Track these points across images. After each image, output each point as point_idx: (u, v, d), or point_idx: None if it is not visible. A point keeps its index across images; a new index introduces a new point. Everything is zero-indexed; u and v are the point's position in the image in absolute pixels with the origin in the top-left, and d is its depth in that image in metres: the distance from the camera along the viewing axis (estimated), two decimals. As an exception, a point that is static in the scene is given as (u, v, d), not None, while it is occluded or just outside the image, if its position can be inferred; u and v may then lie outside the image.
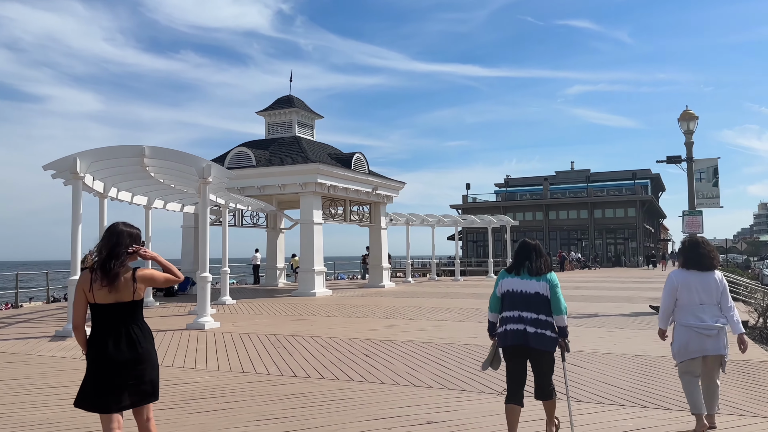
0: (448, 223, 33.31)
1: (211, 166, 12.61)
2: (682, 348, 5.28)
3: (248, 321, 13.59)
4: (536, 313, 4.60)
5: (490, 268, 34.30)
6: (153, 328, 12.06)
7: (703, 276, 5.27)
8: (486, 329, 5.17)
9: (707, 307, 5.22)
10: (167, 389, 6.79)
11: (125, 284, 3.69)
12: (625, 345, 9.59)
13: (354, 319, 13.62)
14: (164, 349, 9.56)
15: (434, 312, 14.94)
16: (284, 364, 8.18)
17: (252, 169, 22.32)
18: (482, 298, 18.94)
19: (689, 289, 5.25)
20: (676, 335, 5.33)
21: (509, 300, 4.72)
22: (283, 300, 19.19)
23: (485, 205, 64.86)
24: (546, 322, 4.60)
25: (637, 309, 15.46)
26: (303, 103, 25.79)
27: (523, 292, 4.66)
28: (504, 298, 4.77)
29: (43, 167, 11.82)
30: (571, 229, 62.29)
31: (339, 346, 9.73)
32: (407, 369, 7.76)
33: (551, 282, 4.69)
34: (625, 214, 61.43)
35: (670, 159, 16.88)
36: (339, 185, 22.47)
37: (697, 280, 5.26)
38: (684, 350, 5.27)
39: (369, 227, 26.37)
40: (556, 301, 4.64)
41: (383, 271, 26.03)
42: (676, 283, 5.32)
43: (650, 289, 23.07)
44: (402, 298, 19.42)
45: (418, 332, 11.26)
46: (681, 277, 5.32)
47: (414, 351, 9.11)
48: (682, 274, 5.35)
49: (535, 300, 4.64)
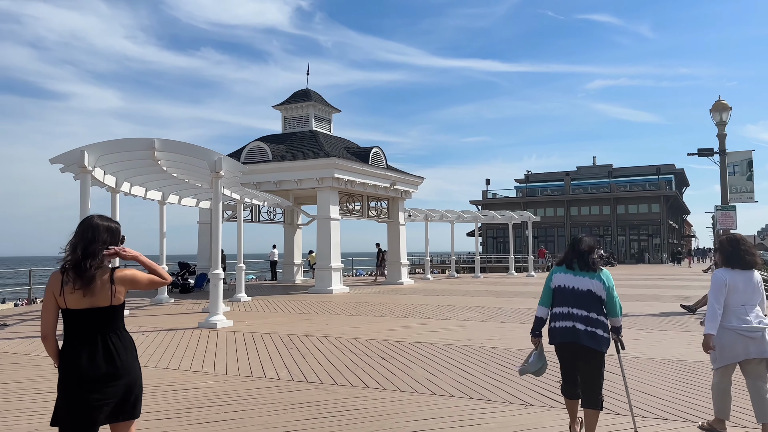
0: (467, 218, 32.65)
1: (222, 159, 12.18)
2: (725, 351, 4.84)
3: (262, 319, 13.17)
4: (587, 310, 4.48)
5: (510, 264, 33.59)
6: (164, 327, 11.65)
7: (746, 275, 4.92)
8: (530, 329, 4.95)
9: (749, 308, 4.85)
10: (169, 396, 6.36)
11: (102, 287, 3.21)
12: (660, 348, 8.96)
13: (371, 318, 13.13)
14: (172, 351, 9.15)
15: (454, 311, 14.38)
16: (296, 368, 7.71)
17: (268, 164, 21.93)
18: (504, 297, 18.33)
19: (735, 289, 4.87)
20: (716, 339, 4.83)
21: (560, 296, 4.60)
22: (300, 297, 18.77)
23: (505, 201, 63.93)
24: (597, 321, 4.48)
25: (668, 308, 14.75)
26: (320, 97, 25.33)
27: (575, 289, 4.55)
28: (555, 293, 4.65)
29: (50, 160, 11.49)
30: (593, 226, 61.12)
31: (354, 347, 9.24)
32: (426, 374, 7.24)
33: (606, 282, 4.55)
34: (649, 210, 60.10)
35: (701, 152, 16.09)
36: (356, 180, 21.97)
37: (740, 280, 4.89)
38: (726, 354, 4.84)
39: (387, 223, 25.85)
40: (612, 302, 4.54)
41: (401, 267, 25.51)
42: (725, 282, 4.83)
43: (678, 287, 22.25)
44: (421, 296, 18.89)
45: (437, 333, 10.72)
46: (728, 276, 4.88)
47: (433, 354, 8.58)
48: (729, 273, 4.90)
49: (587, 297, 4.51)
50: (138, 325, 12.40)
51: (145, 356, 8.68)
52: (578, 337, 4.43)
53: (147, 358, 8.55)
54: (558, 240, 61.45)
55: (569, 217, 61.75)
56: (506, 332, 10.71)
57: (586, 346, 4.42)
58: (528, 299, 17.35)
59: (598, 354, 4.46)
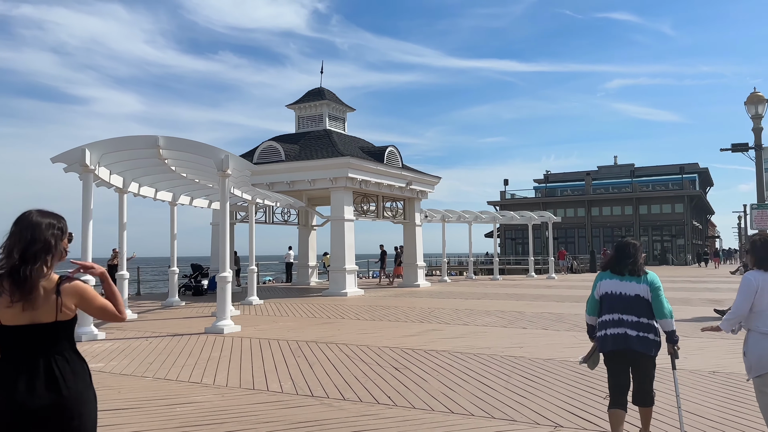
0: (486, 219, 31.90)
1: (230, 157, 11.68)
2: (762, 359, 4.27)
3: (272, 324, 12.63)
4: (637, 316, 4.41)
5: (530, 266, 32.74)
6: (171, 332, 11.04)
7: None
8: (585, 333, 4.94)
9: None
10: (161, 412, 5.81)
11: (46, 298, 2.65)
12: (698, 358, 8.22)
13: (385, 323, 12.52)
14: (173, 359, 8.64)
15: (473, 315, 13.72)
16: (301, 379, 7.13)
17: (281, 164, 21.45)
18: (524, 300, 17.61)
19: (766, 293, 4.35)
20: (751, 345, 4.32)
21: (608, 303, 4.52)
22: (313, 300, 18.23)
23: (524, 202, 62.89)
24: (648, 325, 4.41)
25: (699, 313, 13.94)
26: (334, 96, 24.81)
27: (623, 294, 4.47)
28: (603, 300, 4.57)
29: (52, 159, 11.06)
30: (615, 226, 59.86)
31: (366, 356, 8.64)
32: (443, 388, 6.61)
33: (653, 284, 4.46)
34: (672, 210, 58.71)
35: (735, 147, 15.22)
36: (371, 180, 21.39)
37: None
38: (765, 361, 4.27)
39: (403, 224, 25.22)
40: (660, 304, 4.43)
41: (418, 269, 24.87)
42: (757, 285, 4.33)
43: (706, 290, 21.33)
44: (437, 299, 18.23)
45: (455, 340, 10.09)
46: (761, 279, 4.36)
47: (451, 364, 7.95)
48: (761, 276, 4.38)
49: (635, 303, 4.43)
50: (144, 330, 11.95)
51: (144, 365, 8.18)
52: (630, 343, 4.38)
53: (146, 367, 8.04)
54: (579, 241, 60.30)
55: (590, 218, 60.56)
56: (528, 339, 10.03)
57: (637, 351, 4.38)
58: (550, 303, 16.62)
59: (649, 358, 4.43)
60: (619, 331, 4.41)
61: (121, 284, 14.53)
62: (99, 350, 9.49)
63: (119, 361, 8.54)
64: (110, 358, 8.80)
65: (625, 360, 4.45)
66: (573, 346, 9.24)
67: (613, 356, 4.48)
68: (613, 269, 4.58)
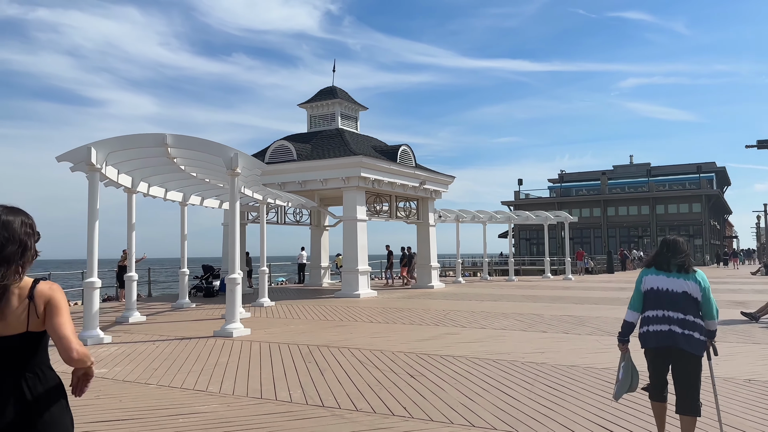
0: (500, 219, 31.39)
1: (239, 155, 11.35)
2: None
3: (283, 327, 12.29)
4: (683, 313, 4.30)
5: (546, 267, 32.16)
6: (179, 335, 10.68)
7: None
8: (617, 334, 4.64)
9: None
10: (163, 423, 5.47)
11: (17, 307, 2.31)
12: (731, 365, 7.75)
13: (399, 326, 12.13)
14: (179, 365, 8.31)
15: (489, 318, 13.29)
16: (312, 387, 6.77)
17: (293, 164, 21.14)
18: (542, 302, 17.14)
19: None
20: None
21: (653, 298, 4.40)
22: (325, 302, 17.88)
23: (538, 201, 62.22)
24: (694, 324, 4.29)
25: (725, 315, 13.38)
26: (346, 94, 24.46)
27: (670, 291, 4.36)
28: (647, 296, 4.45)
29: (57, 158, 10.80)
30: (631, 226, 59.03)
31: (380, 361, 8.26)
32: (462, 398, 6.21)
33: (702, 283, 4.36)
34: (690, 209, 57.78)
35: (761, 144, 14.68)
36: (384, 179, 21.01)
37: None
38: None
39: (416, 224, 24.81)
40: (709, 304, 4.34)
41: (432, 270, 24.45)
42: None
43: (729, 291, 20.72)
44: (452, 301, 17.81)
45: (472, 344, 9.67)
46: None
47: (469, 371, 7.55)
48: None
49: (682, 300, 4.32)
50: (151, 332, 11.66)
51: (148, 371, 7.86)
52: (676, 340, 4.26)
53: (150, 373, 7.72)
54: (594, 241, 59.50)
55: (606, 218, 59.75)
56: (550, 344, 9.59)
57: (683, 350, 4.25)
58: (569, 305, 16.14)
59: (695, 358, 4.27)
60: (664, 327, 4.30)
61: (130, 286, 14.28)
62: (104, 355, 9.20)
63: (123, 366, 8.23)
64: (114, 363, 8.50)
65: (668, 358, 4.34)
66: (597, 352, 8.80)
67: (656, 353, 4.37)
68: (659, 265, 4.47)
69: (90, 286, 10.55)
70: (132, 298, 14.22)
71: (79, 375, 2.46)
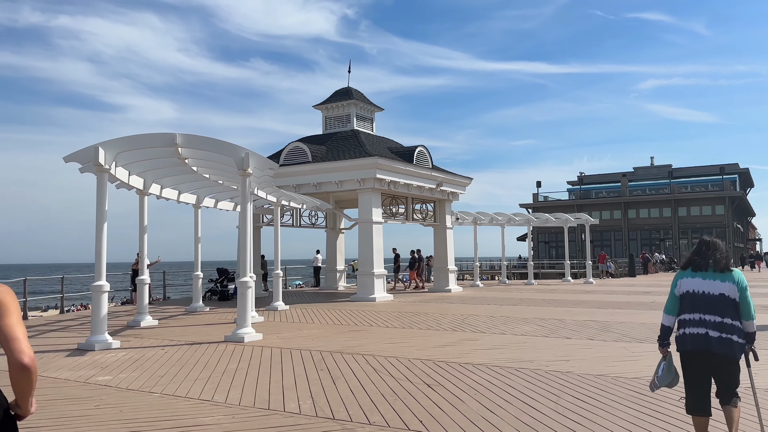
0: (519, 222, 30.82)
1: (250, 155, 11.04)
2: None
3: (296, 332, 11.95)
4: (721, 316, 4.16)
5: (566, 270, 31.49)
6: (190, 340, 10.31)
7: None
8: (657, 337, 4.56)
9: None
10: (161, 436, 5.12)
11: None
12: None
13: (415, 332, 11.72)
14: (186, 372, 7.98)
15: (509, 323, 12.81)
16: (322, 397, 6.39)
17: (308, 165, 20.85)
18: (563, 306, 16.60)
19: None
20: None
21: (689, 301, 4.30)
22: (340, 306, 17.52)
23: (558, 204, 61.38)
24: (732, 327, 4.14)
25: (763, 321, 12.77)
26: (362, 95, 24.13)
27: (706, 293, 4.23)
28: (683, 299, 4.35)
29: (65, 159, 10.57)
30: (652, 229, 57.94)
31: (395, 369, 7.86)
32: (483, 411, 5.78)
33: (740, 284, 4.21)
34: (713, 211, 56.56)
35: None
36: (400, 181, 20.62)
37: None
38: None
39: (433, 226, 24.37)
40: (746, 305, 4.20)
41: (449, 274, 23.98)
42: None
43: (761, 295, 19.96)
44: (471, 305, 17.34)
45: (492, 351, 9.23)
46: None
47: (490, 380, 7.11)
48: None
49: (719, 302, 4.19)
50: (162, 337, 11.39)
51: (154, 378, 7.54)
52: (711, 344, 4.13)
53: (156, 380, 7.41)
54: (615, 244, 58.50)
55: (627, 220, 58.72)
56: (574, 351, 9.12)
57: (719, 354, 4.11)
58: (591, 309, 15.59)
59: (732, 362, 4.16)
60: (700, 330, 4.18)
61: (142, 289, 14.05)
62: (110, 361, 8.91)
63: (129, 373, 7.93)
64: (120, 370, 8.20)
65: (704, 364, 4.20)
66: (625, 360, 8.31)
67: (692, 358, 4.24)
68: (695, 266, 4.35)
69: (98, 290, 10.29)
70: (144, 301, 13.98)
71: (22, 388, 2.05)
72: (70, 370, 8.20)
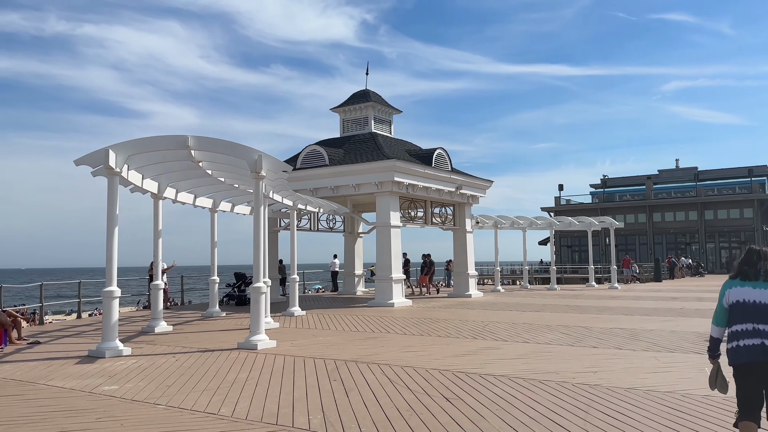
0: (541, 225, 30.21)
1: (263, 156, 10.76)
2: None
3: (310, 339, 11.62)
4: None
5: (590, 275, 30.77)
6: (202, 347, 10.00)
7: None
8: (707, 348, 4.46)
9: None
10: (160, 454, 4.80)
11: None
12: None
13: (434, 339, 11.32)
14: (195, 381, 7.69)
15: (532, 331, 12.34)
16: (334, 411, 6.02)
17: (325, 169, 20.57)
18: (589, 313, 16.05)
19: None
20: None
21: (741, 311, 4.17)
22: (358, 311, 17.17)
23: (580, 207, 60.34)
24: None
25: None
26: (379, 97, 23.82)
27: (758, 303, 4.10)
28: (733, 309, 4.22)
29: (75, 162, 10.39)
30: (678, 233, 56.67)
31: (411, 380, 7.47)
32: (505, 427, 5.37)
33: None
34: (741, 215, 55.10)
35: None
36: (418, 184, 20.24)
37: None
38: None
39: (453, 230, 23.91)
40: None
41: (469, 278, 23.50)
42: None
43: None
44: (492, 311, 16.87)
45: (515, 361, 8.79)
46: None
47: (513, 394, 6.69)
48: None
49: None
50: (175, 343, 11.14)
51: (161, 388, 7.25)
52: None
53: (162, 391, 7.11)
54: (639, 248, 57.31)
55: (651, 224, 57.52)
56: (602, 362, 8.64)
57: None
58: (618, 316, 15.03)
59: None
60: (755, 341, 4.05)
61: (156, 294, 13.86)
62: (119, 369, 8.66)
63: (136, 382, 7.65)
64: (127, 379, 7.93)
65: (761, 375, 4.05)
66: (656, 371, 7.82)
67: (747, 370, 4.08)
68: (744, 275, 4.23)
69: (108, 296, 10.06)
70: (158, 307, 13.78)
71: None
72: (77, 379, 7.95)
